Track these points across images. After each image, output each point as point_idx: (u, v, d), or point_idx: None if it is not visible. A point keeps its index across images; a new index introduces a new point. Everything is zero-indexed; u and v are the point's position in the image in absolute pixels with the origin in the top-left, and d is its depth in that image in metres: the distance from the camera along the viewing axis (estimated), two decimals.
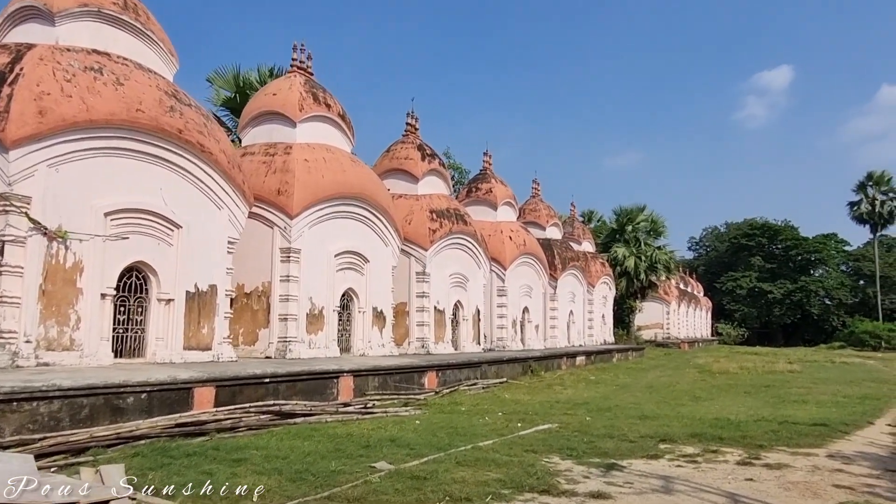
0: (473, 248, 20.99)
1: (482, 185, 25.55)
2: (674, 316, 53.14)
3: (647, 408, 13.83)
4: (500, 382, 18.00)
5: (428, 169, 20.46)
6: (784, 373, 24.80)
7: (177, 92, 11.38)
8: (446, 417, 11.47)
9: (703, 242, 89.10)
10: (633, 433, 10.08)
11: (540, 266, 26.06)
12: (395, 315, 18.76)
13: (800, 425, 11.22)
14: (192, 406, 9.31)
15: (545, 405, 13.88)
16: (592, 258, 34.29)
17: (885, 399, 16.13)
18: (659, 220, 42.98)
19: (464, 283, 20.66)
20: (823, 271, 70.90)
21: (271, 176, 14.10)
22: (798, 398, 16.11)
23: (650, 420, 11.78)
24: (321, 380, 11.93)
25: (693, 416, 12.32)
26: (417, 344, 18.58)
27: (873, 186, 58.46)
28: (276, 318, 13.73)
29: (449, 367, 16.23)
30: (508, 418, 11.49)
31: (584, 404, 14.28)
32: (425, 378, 15.17)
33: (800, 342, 65.20)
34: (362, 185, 15.58)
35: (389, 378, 13.99)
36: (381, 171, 20.74)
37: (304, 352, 13.81)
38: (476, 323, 21.46)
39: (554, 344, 27.90)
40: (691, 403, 14.97)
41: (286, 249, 13.81)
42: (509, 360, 19.73)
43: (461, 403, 13.61)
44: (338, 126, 16.42)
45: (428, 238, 18.80)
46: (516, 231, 24.80)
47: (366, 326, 16.02)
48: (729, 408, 14.10)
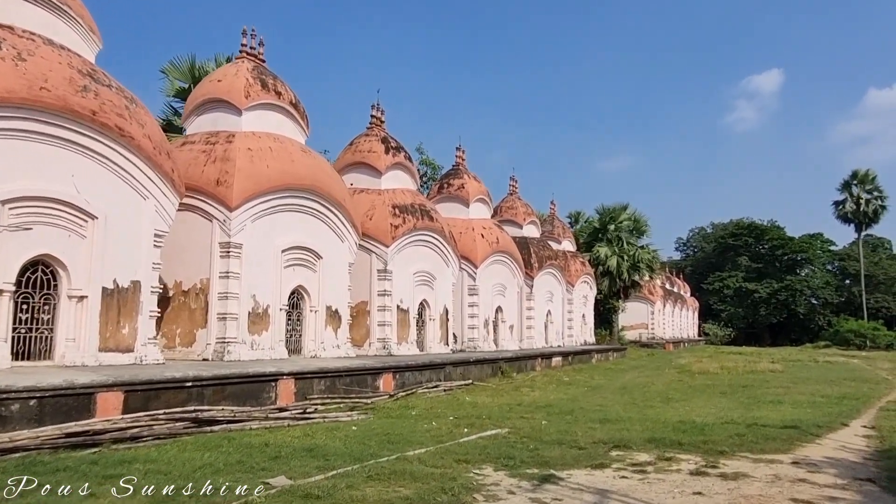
0: (441, 245, 20.12)
1: (454, 180, 24.68)
2: (658, 316, 52.49)
3: (612, 410, 13.03)
4: (464, 385, 17.14)
5: (392, 163, 19.59)
6: (765, 372, 24.13)
7: (94, 71, 10.46)
8: (390, 423, 10.60)
9: (690, 243, 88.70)
10: (587, 439, 9.26)
11: (514, 264, 25.23)
12: (355, 315, 17.88)
13: (769, 428, 10.44)
14: (94, 414, 8.39)
15: (504, 408, 13.04)
16: (572, 257, 33.50)
17: (863, 399, 15.41)
18: (642, 218, 42.30)
19: (430, 282, 19.79)
20: (809, 271, 70.60)
21: (210, 165, 13.19)
22: (774, 399, 15.38)
23: (611, 424, 10.97)
24: (255, 383, 11.03)
25: (658, 419, 11.53)
26: (378, 345, 17.69)
27: (858, 185, 58.00)
28: (215, 317, 12.80)
29: (407, 368, 15.36)
30: (457, 423, 10.64)
31: (547, 407, 13.46)
32: (380, 380, 14.29)
33: (787, 342, 64.78)
34: (313, 177, 14.69)
35: (338, 381, 13.10)
36: (343, 165, 19.87)
37: (245, 353, 12.90)
38: (444, 323, 20.59)
39: (530, 344, 27.06)
40: (661, 405, 14.19)
41: (226, 244, 12.89)
42: (477, 362, 18.88)
43: (414, 407, 12.75)
44: (289, 115, 15.52)
45: (389, 234, 17.92)
46: (489, 228, 23.96)
47: (318, 326, 15.12)
48: (699, 409, 13.34)
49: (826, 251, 73.36)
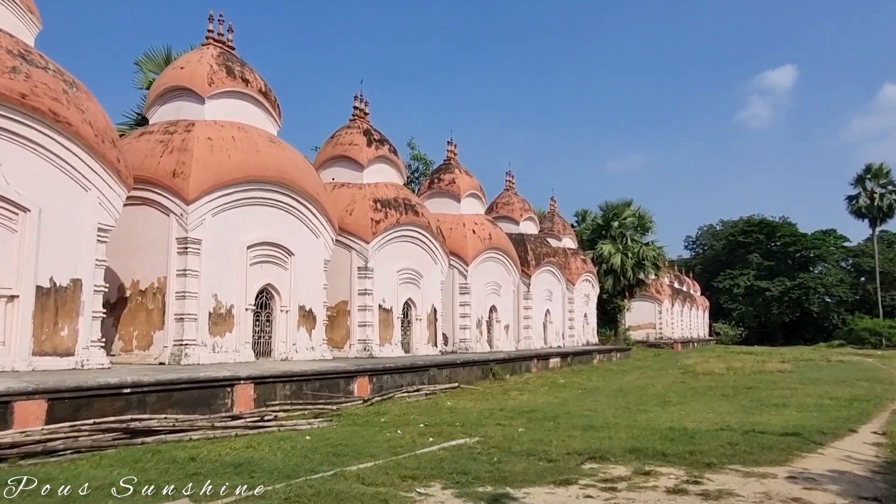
0: (428, 241, 19.22)
1: (445, 175, 23.78)
2: (666, 315, 51.23)
3: (600, 415, 12.08)
4: (450, 388, 16.23)
5: (375, 156, 18.72)
6: (773, 373, 23.04)
7: (28, 52, 9.67)
8: (350, 432, 9.72)
9: (699, 241, 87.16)
10: (562, 449, 8.33)
11: (509, 262, 24.28)
12: (335, 315, 17.05)
13: (767, 435, 9.46)
14: (10, 424, 7.57)
15: (484, 414, 12.12)
16: (573, 255, 32.48)
17: (875, 401, 14.34)
18: (646, 215, 41.20)
19: (416, 280, 18.90)
20: (823, 268, 68.94)
21: (167, 156, 12.37)
22: (778, 401, 14.36)
23: (594, 431, 10.03)
24: (208, 389, 10.19)
25: (647, 426, 10.57)
26: (359, 346, 16.82)
27: (872, 179, 56.53)
28: (172, 318, 11.98)
29: (385, 371, 14.47)
30: (424, 432, 9.74)
31: (531, 412, 12.52)
32: (354, 385, 13.42)
33: (800, 341, 63.22)
34: (282, 169, 13.84)
35: (306, 385, 12.24)
36: (324, 159, 19.07)
37: (205, 356, 12.06)
38: (433, 323, 19.69)
39: (528, 345, 26.10)
40: (656, 409, 13.22)
41: (183, 239, 12.07)
42: (465, 363, 17.95)
43: (386, 413, 11.86)
44: (259, 104, 14.70)
45: (370, 229, 17.05)
46: (481, 224, 23.03)
47: (290, 327, 14.27)
48: (695, 414, 12.37)
49: (840, 248, 71.65)
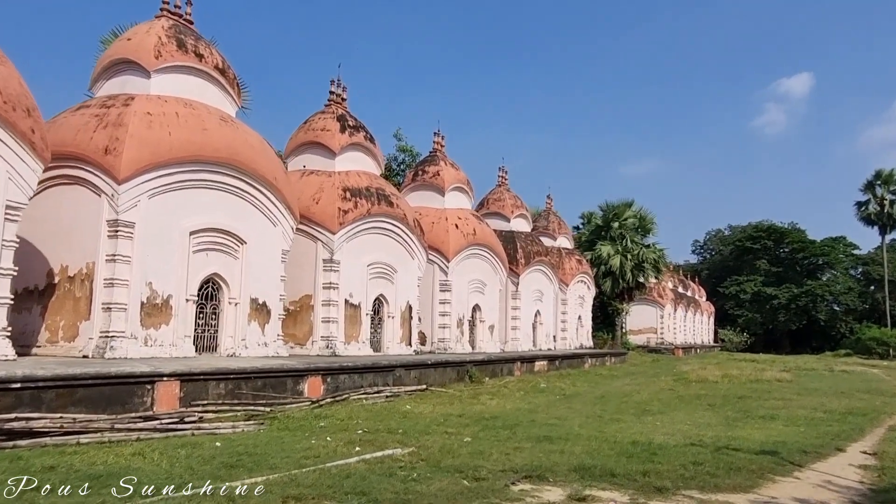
0: (403, 234, 18.18)
1: (429, 167, 22.73)
2: (669, 320, 49.91)
3: (566, 425, 11.00)
4: (417, 390, 15.18)
5: (348, 142, 17.70)
6: (771, 382, 21.83)
7: None
8: (274, 437, 8.71)
9: (707, 246, 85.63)
10: (499, 465, 7.28)
11: (496, 259, 23.19)
12: (298, 310, 16.07)
13: (741, 454, 8.36)
14: None
15: (437, 420, 11.07)
16: (568, 254, 31.34)
17: (872, 416, 13.15)
18: (648, 216, 39.95)
19: (389, 275, 17.86)
20: (831, 276, 67.29)
21: (101, 131, 11.39)
22: (767, 413, 13.24)
23: (548, 443, 8.97)
24: (121, 385, 9.20)
25: (611, 439, 9.49)
26: (322, 344, 15.80)
27: (882, 185, 54.80)
28: (99, 307, 11.01)
29: (342, 371, 13.43)
30: (358, 439, 8.72)
31: (491, 419, 11.45)
32: (304, 384, 12.40)
33: (807, 349, 61.64)
34: (234, 150, 12.85)
35: (246, 384, 11.23)
36: (295, 145, 18.10)
37: (134, 350, 11.07)
38: (407, 321, 18.64)
39: (515, 347, 25.01)
40: (631, 419, 12.12)
41: (114, 222, 11.08)
42: (437, 365, 16.87)
43: (330, 417, 10.84)
44: (215, 82, 13.72)
45: (337, 219, 16.03)
46: (465, 219, 21.96)
47: (240, 321, 13.27)
48: (672, 425, 11.27)
49: (849, 255, 69.91)
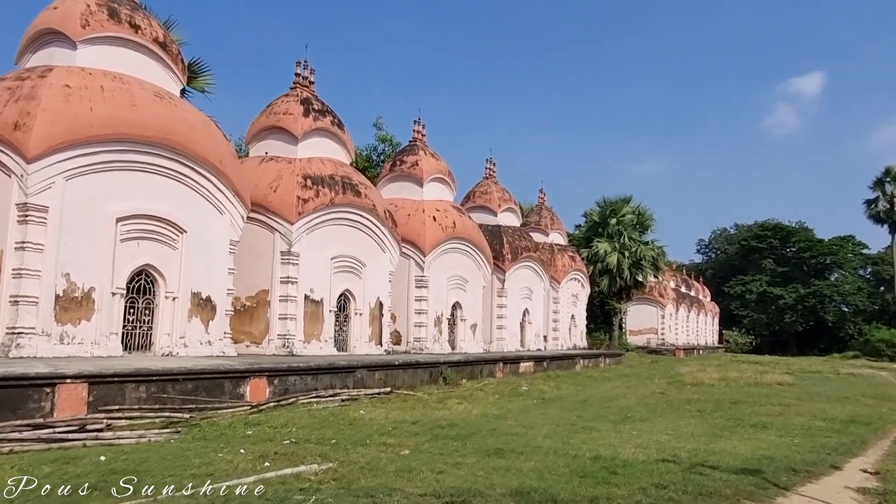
0: (372, 226, 16.98)
1: (407, 157, 21.53)
2: (670, 320, 48.53)
3: (530, 435, 9.78)
4: (381, 393, 13.98)
5: (312, 127, 16.52)
6: (771, 385, 20.53)
7: None
8: (174, 450, 7.52)
9: (712, 245, 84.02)
10: (422, 487, 6.08)
11: (479, 254, 21.95)
12: (254, 306, 14.92)
13: (718, 472, 7.12)
14: None
15: (384, 429, 9.86)
16: (560, 251, 30.06)
17: (877, 425, 11.84)
18: (646, 212, 38.60)
19: (357, 269, 16.66)
20: (839, 276, 65.62)
21: (12, 105, 10.24)
22: (761, 421, 11.96)
23: (498, 458, 7.75)
24: (10, 388, 8.05)
25: (573, 452, 8.26)
26: (279, 342, 14.63)
27: (892, 182, 52.97)
28: (6, 301, 9.87)
29: (292, 372, 12.23)
30: (274, 453, 7.53)
31: (448, 427, 10.23)
32: (246, 387, 11.22)
33: (815, 351, 60.05)
34: (170, 130, 11.68)
35: (172, 387, 10.06)
36: (256, 131, 16.95)
37: (46, 348, 9.93)
38: (377, 319, 17.43)
39: (500, 347, 23.77)
40: (606, 428, 10.87)
41: (23, 205, 9.94)
42: (406, 366, 15.64)
43: (264, 424, 9.66)
44: (154, 56, 12.57)
45: (295, 209, 14.85)
46: (444, 211, 20.73)
47: (179, 317, 12.10)
48: (649, 435, 10.04)
49: (858, 254, 68.22)
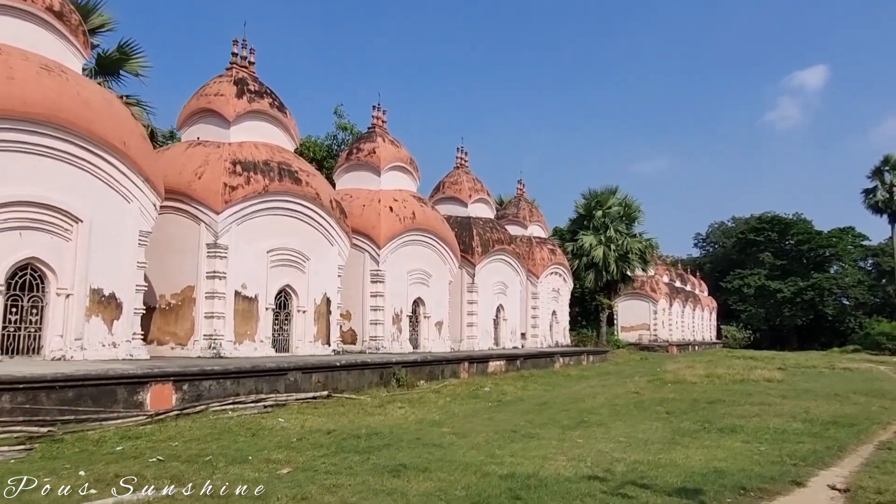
0: (316, 216, 15.65)
1: (364, 145, 20.18)
2: (662, 316, 47.09)
3: (457, 445, 8.57)
4: (316, 398, 12.67)
5: (247, 110, 15.19)
6: (758, 382, 19.12)
7: None
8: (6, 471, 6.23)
9: (709, 239, 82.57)
10: None
11: (443, 247, 20.59)
12: (180, 304, 13.62)
13: (648, 493, 5.95)
14: None
15: (287, 441, 8.61)
16: (539, 244, 28.70)
17: (861, 426, 10.48)
18: (634, 204, 37.18)
19: (300, 263, 15.33)
20: (839, 268, 64.08)
21: None
22: (731, 424, 10.67)
23: (391, 479, 6.57)
24: None
25: (486, 470, 7.03)
26: (204, 343, 13.30)
27: (891, 171, 51.44)
28: None
29: (205, 376, 10.90)
30: (110, 476, 6.22)
31: (365, 437, 8.97)
32: (146, 394, 9.91)
33: (816, 345, 58.51)
34: (57, 106, 10.36)
35: (48, 395, 8.75)
36: (187, 115, 15.65)
37: None
38: (324, 317, 16.09)
39: (471, 346, 22.43)
40: (552, 435, 9.60)
41: None
42: (351, 367, 14.28)
43: (145, 438, 8.40)
44: (48, 27, 11.27)
45: (221, 197, 13.52)
46: (403, 201, 19.38)
47: (73, 317, 10.78)
48: (597, 443, 8.81)
49: (858, 246, 66.69)
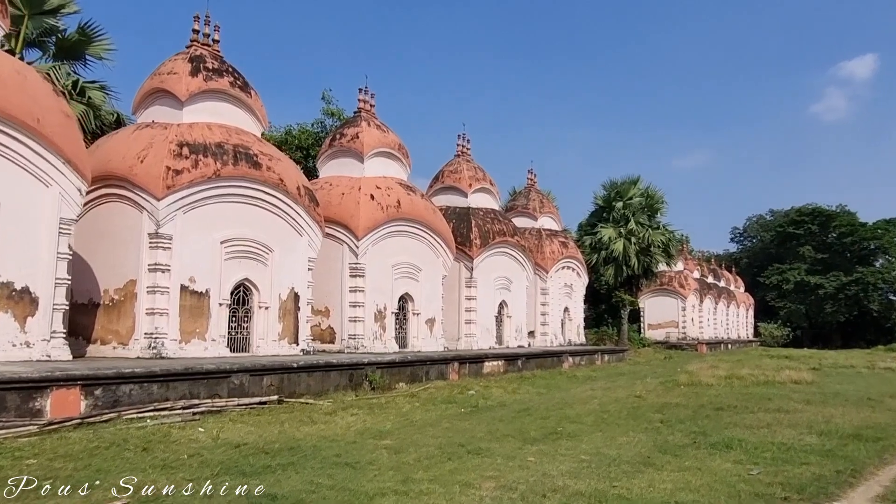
0: (281, 203, 14.32)
1: (348, 130, 18.79)
2: (692, 313, 44.71)
3: (375, 466, 7.08)
4: (263, 403, 11.32)
5: (202, 89, 13.94)
6: (784, 384, 17.16)
7: None
8: None
9: (747, 233, 79.05)
10: None
11: (434, 239, 19.09)
12: (122, 300, 12.44)
13: None
14: None
15: (173, 459, 7.25)
16: (549, 236, 26.95)
17: (889, 441, 8.62)
18: (657, 194, 35.07)
19: (261, 255, 14.04)
20: (885, 261, 60.38)
21: None
22: (730, 437, 8.99)
23: None
24: None
25: (425, 494, 5.47)
26: (145, 342, 12.09)
27: None
28: None
29: (124, 380, 9.64)
30: None
31: (274, 454, 7.59)
32: (46, 400, 8.71)
33: (861, 343, 55.08)
34: None
35: None
36: (141, 96, 14.51)
37: None
38: (291, 313, 14.76)
39: (470, 344, 20.91)
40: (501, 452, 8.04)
41: None
42: (313, 368, 12.88)
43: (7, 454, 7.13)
44: None
45: (163, 182, 12.28)
46: (388, 189, 17.94)
47: None
48: (552, 464, 7.28)
49: None
